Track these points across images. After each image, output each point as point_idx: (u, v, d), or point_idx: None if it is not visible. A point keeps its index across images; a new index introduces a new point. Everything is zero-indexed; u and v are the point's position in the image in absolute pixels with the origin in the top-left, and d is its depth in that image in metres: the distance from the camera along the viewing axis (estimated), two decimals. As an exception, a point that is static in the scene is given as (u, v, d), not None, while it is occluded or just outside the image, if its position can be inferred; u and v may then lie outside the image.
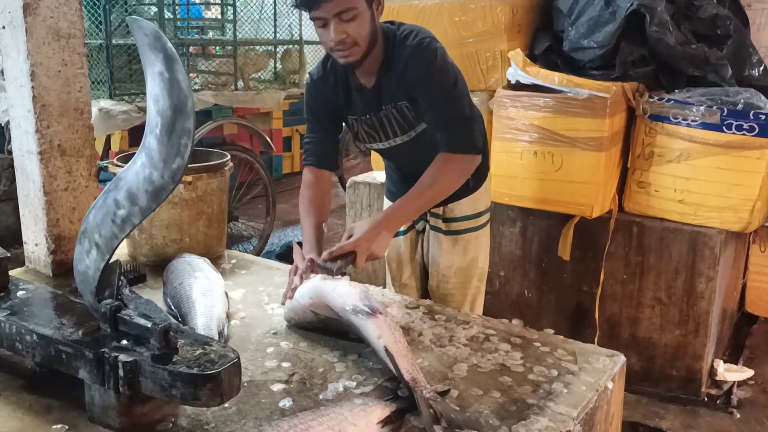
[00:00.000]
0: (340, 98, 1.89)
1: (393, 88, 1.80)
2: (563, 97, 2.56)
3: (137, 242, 1.98)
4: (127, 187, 1.11)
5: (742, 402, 2.68)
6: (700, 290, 2.60)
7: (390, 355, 1.29)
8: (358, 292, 1.45)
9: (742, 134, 2.44)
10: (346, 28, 1.65)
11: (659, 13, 2.57)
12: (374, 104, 1.85)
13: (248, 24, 4.64)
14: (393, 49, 1.77)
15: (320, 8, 1.63)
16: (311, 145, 1.94)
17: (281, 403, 1.26)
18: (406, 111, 1.84)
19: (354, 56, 1.71)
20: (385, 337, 1.33)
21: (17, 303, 1.35)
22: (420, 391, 1.22)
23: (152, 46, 1.03)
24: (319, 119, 1.93)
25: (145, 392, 1.12)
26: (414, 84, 1.77)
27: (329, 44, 1.69)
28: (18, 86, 1.78)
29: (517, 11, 2.83)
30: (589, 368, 1.42)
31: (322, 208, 1.88)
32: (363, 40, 1.69)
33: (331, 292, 1.48)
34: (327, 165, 1.93)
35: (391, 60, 1.78)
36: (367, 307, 1.40)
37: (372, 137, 1.93)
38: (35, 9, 1.73)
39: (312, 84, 1.91)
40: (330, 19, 1.64)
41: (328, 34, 1.67)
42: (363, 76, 1.83)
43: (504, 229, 2.90)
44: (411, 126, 1.87)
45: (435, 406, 1.19)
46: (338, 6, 1.63)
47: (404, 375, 1.25)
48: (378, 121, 1.88)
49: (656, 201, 2.65)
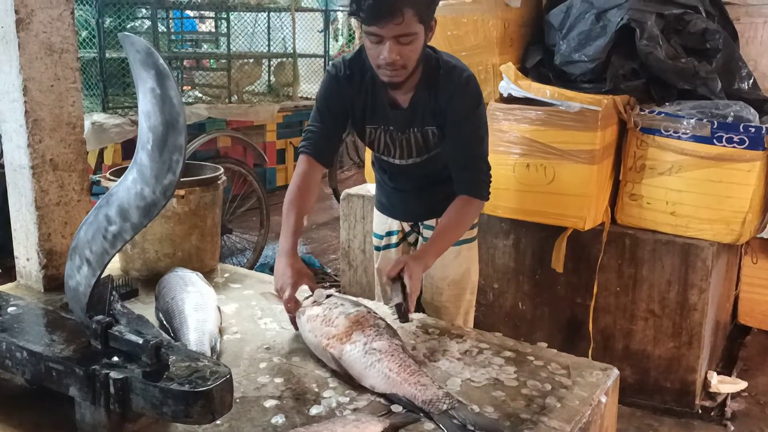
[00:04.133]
0: (362, 105, 1.86)
1: (426, 114, 1.82)
2: (555, 110, 2.57)
3: (129, 256, 1.97)
4: (119, 203, 1.11)
5: (736, 414, 2.68)
6: (693, 302, 2.61)
7: (394, 395, 1.30)
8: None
9: (733, 147, 2.46)
10: (401, 50, 1.65)
11: (649, 27, 2.59)
12: (404, 124, 1.85)
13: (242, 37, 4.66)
14: (437, 76, 1.79)
15: (384, 27, 1.62)
16: (314, 134, 1.86)
17: (273, 420, 1.25)
18: (430, 136, 1.86)
19: (399, 77, 1.71)
20: (378, 385, 1.33)
21: (7, 319, 1.34)
22: (436, 407, 1.22)
23: (144, 63, 1.03)
24: (331, 113, 1.87)
25: (136, 410, 1.11)
26: (453, 120, 1.80)
27: (377, 61, 1.68)
28: (10, 101, 1.78)
29: (508, 25, 2.86)
30: (583, 382, 1.42)
31: (308, 200, 1.85)
32: (412, 63, 1.70)
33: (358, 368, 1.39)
34: (324, 159, 1.87)
35: (432, 85, 1.79)
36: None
37: (388, 151, 1.93)
38: (28, 24, 1.73)
39: (335, 79, 1.85)
40: (388, 38, 1.63)
41: (380, 52, 1.65)
42: (397, 95, 1.83)
43: (497, 241, 2.90)
44: (429, 150, 1.89)
45: (456, 414, 1.20)
46: (402, 29, 1.62)
47: (415, 403, 1.25)
48: (400, 140, 1.89)
49: (648, 213, 2.66)
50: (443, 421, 1.21)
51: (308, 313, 1.54)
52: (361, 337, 1.40)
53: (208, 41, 5.09)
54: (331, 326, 1.46)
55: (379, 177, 2.15)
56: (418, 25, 1.64)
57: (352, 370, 1.37)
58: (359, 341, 1.39)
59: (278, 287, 1.63)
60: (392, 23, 1.60)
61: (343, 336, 1.42)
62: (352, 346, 1.39)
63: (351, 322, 1.45)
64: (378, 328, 1.44)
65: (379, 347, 1.37)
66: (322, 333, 1.46)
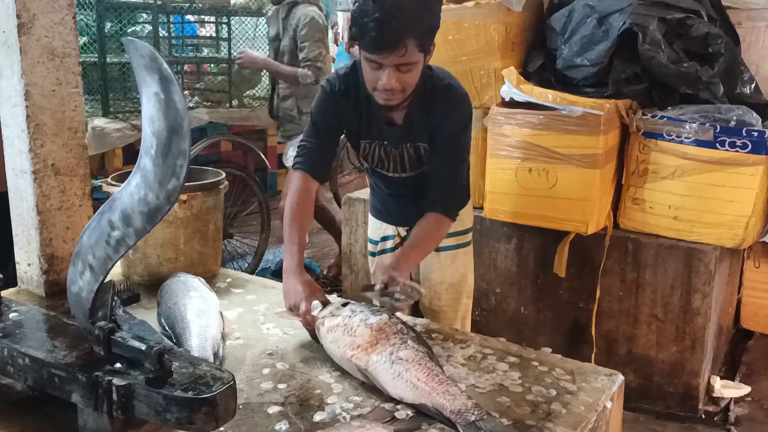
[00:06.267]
0: (357, 120, 1.86)
1: (421, 130, 1.83)
2: (557, 115, 2.57)
3: (131, 261, 1.97)
4: (122, 208, 1.10)
5: (739, 419, 2.67)
6: (696, 306, 2.60)
7: (422, 405, 1.28)
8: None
9: (736, 151, 2.45)
10: (400, 77, 1.65)
11: (652, 31, 2.59)
12: (398, 140, 1.86)
13: (243, 41, 4.65)
14: (432, 94, 1.79)
15: (386, 57, 1.61)
16: (309, 151, 1.85)
17: (277, 426, 1.24)
18: (422, 152, 1.86)
19: (396, 101, 1.71)
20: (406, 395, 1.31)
21: (9, 325, 1.33)
22: (464, 418, 1.20)
23: (148, 67, 1.03)
24: (327, 128, 1.86)
25: (139, 416, 1.10)
26: (441, 136, 1.80)
27: (375, 85, 1.67)
28: (12, 105, 1.77)
29: (510, 29, 2.86)
30: (588, 387, 1.41)
31: (308, 217, 1.86)
32: (410, 88, 1.71)
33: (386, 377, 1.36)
34: (318, 176, 1.87)
35: (426, 103, 1.79)
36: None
37: (382, 164, 1.94)
38: (30, 28, 1.72)
39: (330, 94, 1.84)
40: (388, 66, 1.63)
41: (379, 78, 1.65)
42: (392, 112, 1.82)
43: (499, 246, 2.89)
44: (421, 165, 1.90)
45: (484, 426, 1.18)
46: (403, 60, 1.61)
47: (443, 413, 1.24)
48: (394, 155, 1.90)
49: (651, 218, 2.65)
50: None
51: (328, 324, 1.50)
52: (387, 346, 1.36)
53: (209, 46, 5.09)
54: (353, 336, 1.43)
55: (373, 183, 2.15)
56: (419, 54, 1.64)
57: (380, 381, 1.34)
58: (385, 351, 1.35)
59: (291, 304, 1.62)
60: (395, 54, 1.60)
61: (368, 346, 1.38)
62: (378, 356, 1.35)
63: (374, 330, 1.42)
64: (402, 335, 1.40)
65: (405, 356, 1.33)
66: (345, 344, 1.43)
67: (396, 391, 1.32)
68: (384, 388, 1.34)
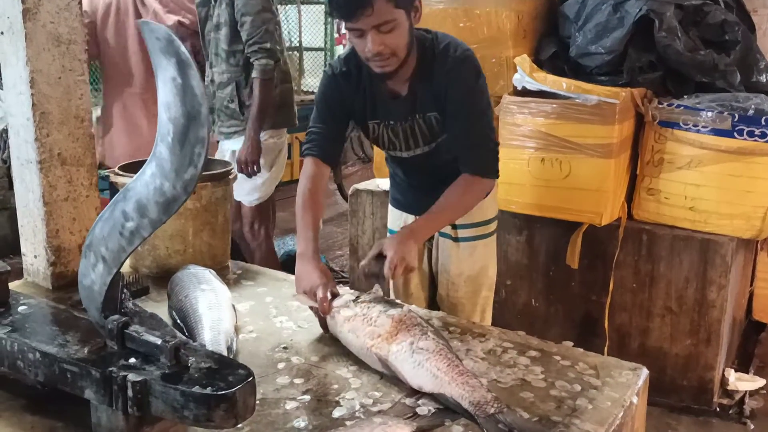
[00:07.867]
0: (361, 101, 1.84)
1: (427, 99, 1.77)
2: (571, 104, 2.52)
3: (140, 253, 1.93)
4: (137, 198, 1.06)
5: (755, 412, 2.63)
6: (712, 299, 2.56)
7: (441, 395, 1.25)
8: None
9: (754, 140, 2.41)
10: (384, 39, 1.61)
11: (668, 18, 2.54)
12: (405, 112, 1.81)
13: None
14: (432, 59, 1.74)
15: (358, 21, 1.59)
16: (318, 136, 1.84)
17: (296, 423, 1.21)
18: (433, 122, 1.81)
19: (391, 66, 1.68)
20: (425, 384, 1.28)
21: (18, 319, 1.29)
22: (483, 410, 1.18)
23: (165, 51, 0.98)
24: (333, 113, 1.85)
25: (155, 413, 1.06)
26: (453, 98, 1.74)
27: (366, 54, 1.65)
28: (17, 93, 1.73)
29: (522, 17, 2.81)
30: (613, 382, 1.37)
31: (320, 204, 1.83)
32: (401, 50, 1.66)
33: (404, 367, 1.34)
34: (329, 160, 1.85)
35: (428, 69, 1.75)
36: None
37: (393, 145, 1.90)
38: (35, 14, 1.67)
39: (333, 78, 1.83)
40: (368, 30, 1.60)
41: (365, 44, 1.62)
42: (395, 84, 1.79)
43: (511, 237, 2.85)
44: (434, 138, 1.84)
45: (503, 419, 1.15)
46: (377, 18, 1.58)
47: (462, 404, 1.21)
48: (404, 130, 1.85)
49: (666, 208, 2.61)
50: (488, 426, 1.16)
51: (344, 313, 1.48)
52: (408, 336, 1.35)
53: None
54: (374, 326, 1.41)
55: (392, 172, 2.12)
56: (396, 11, 1.60)
57: (400, 370, 1.32)
58: (406, 341, 1.34)
59: (307, 289, 1.59)
60: (363, 16, 1.57)
61: (389, 336, 1.37)
62: (399, 346, 1.34)
63: (395, 321, 1.40)
64: (422, 327, 1.39)
65: (426, 346, 1.32)
66: (365, 333, 1.41)
67: (416, 381, 1.30)
68: (404, 377, 1.32)
